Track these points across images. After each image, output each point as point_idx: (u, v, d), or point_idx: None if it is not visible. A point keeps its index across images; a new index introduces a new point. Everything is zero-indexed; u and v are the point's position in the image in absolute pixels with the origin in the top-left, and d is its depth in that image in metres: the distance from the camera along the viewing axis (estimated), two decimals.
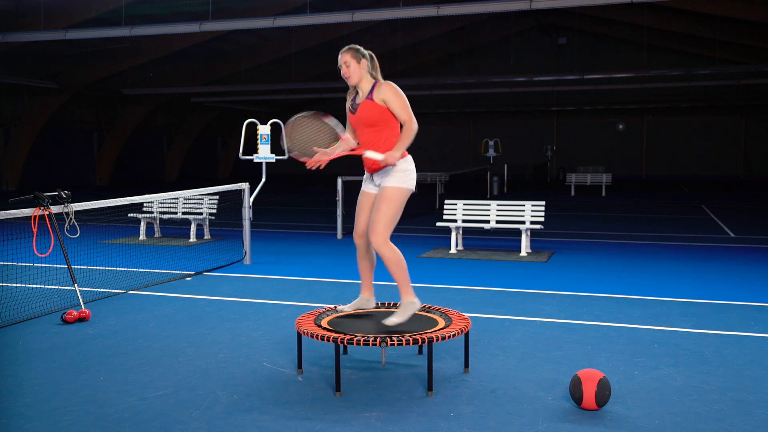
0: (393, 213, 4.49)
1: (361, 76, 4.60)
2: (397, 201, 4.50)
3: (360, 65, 4.58)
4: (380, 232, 4.46)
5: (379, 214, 4.49)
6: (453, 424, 3.79)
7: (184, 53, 25.00)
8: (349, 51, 4.61)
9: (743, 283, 8.03)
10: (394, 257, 4.49)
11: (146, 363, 4.88)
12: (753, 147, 37.02)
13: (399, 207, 4.51)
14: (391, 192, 4.50)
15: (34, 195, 6.20)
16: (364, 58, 4.61)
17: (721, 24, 25.07)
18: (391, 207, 4.48)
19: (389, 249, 4.48)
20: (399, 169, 4.53)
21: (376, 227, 4.47)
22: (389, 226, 4.49)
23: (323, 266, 9.23)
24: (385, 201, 4.50)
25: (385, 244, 4.47)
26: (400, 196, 4.51)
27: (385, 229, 4.47)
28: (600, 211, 17.94)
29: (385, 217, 4.47)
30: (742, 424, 3.78)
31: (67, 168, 31.33)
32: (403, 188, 4.52)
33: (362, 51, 4.65)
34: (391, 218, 4.49)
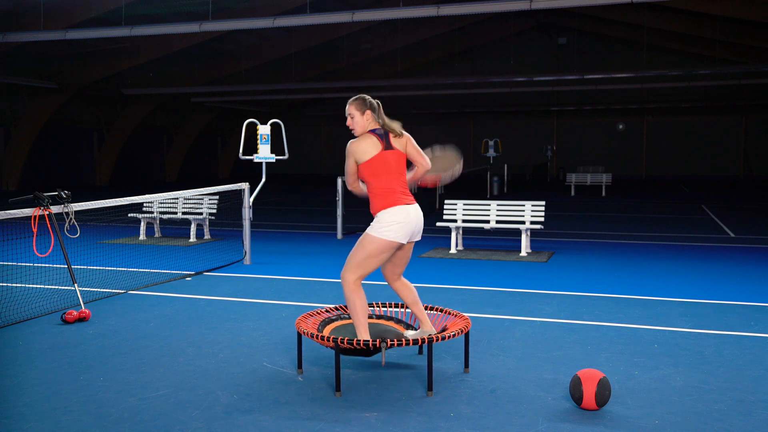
0: (362, 258, 4.44)
1: (365, 127, 4.60)
2: (369, 248, 4.44)
3: (364, 117, 4.58)
4: (347, 270, 4.48)
5: (351, 254, 4.53)
6: (453, 424, 3.79)
7: (184, 53, 25.00)
8: (354, 103, 4.61)
9: (743, 283, 8.03)
10: (352, 300, 4.46)
11: (146, 363, 4.88)
12: (753, 147, 37.01)
13: (371, 254, 4.44)
14: (365, 238, 4.49)
15: (34, 195, 6.20)
16: (369, 110, 4.59)
17: (721, 24, 25.07)
18: (362, 252, 4.45)
19: (351, 291, 4.46)
20: (378, 219, 4.49)
21: (345, 266, 4.51)
22: (357, 268, 4.45)
23: (323, 266, 9.23)
24: (358, 244, 4.51)
25: (346, 282, 4.46)
26: (372, 244, 4.44)
27: (352, 270, 4.46)
28: (600, 211, 17.94)
29: (353, 259, 4.48)
30: (742, 424, 3.78)
31: (67, 168, 31.32)
32: (378, 238, 4.43)
33: (369, 102, 4.62)
34: (360, 262, 4.45)
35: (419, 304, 4.72)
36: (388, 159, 4.52)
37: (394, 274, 4.68)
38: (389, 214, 4.46)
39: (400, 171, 4.57)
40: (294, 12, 20.16)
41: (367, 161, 4.49)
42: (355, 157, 4.52)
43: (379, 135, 4.54)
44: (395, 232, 4.44)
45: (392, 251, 4.50)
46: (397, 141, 4.58)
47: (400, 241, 4.48)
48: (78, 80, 26.32)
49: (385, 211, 4.47)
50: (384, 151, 4.51)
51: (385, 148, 4.52)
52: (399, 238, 4.46)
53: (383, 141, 4.53)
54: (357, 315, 4.47)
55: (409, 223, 4.49)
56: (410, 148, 4.64)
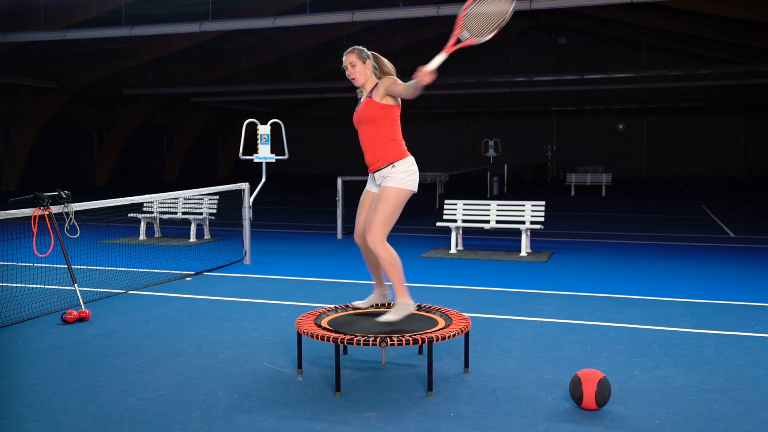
0: (390, 213, 4.48)
1: (367, 76, 4.64)
2: (395, 201, 4.49)
3: (365, 65, 4.62)
4: (376, 232, 4.47)
5: (376, 213, 4.49)
6: (453, 424, 3.79)
7: (184, 53, 25.01)
8: (354, 51, 4.64)
9: (743, 283, 8.03)
10: (390, 258, 4.49)
11: (146, 363, 4.88)
12: (753, 147, 37.01)
13: (397, 208, 4.51)
14: (389, 192, 4.50)
15: (34, 195, 6.20)
16: (369, 59, 4.65)
17: (721, 24, 25.07)
18: (388, 207, 4.48)
19: (385, 249, 4.48)
20: (398, 169, 4.53)
21: (373, 226, 4.48)
22: (386, 226, 4.49)
23: (323, 266, 9.23)
24: (382, 201, 4.50)
25: (381, 243, 4.47)
26: (398, 196, 4.50)
27: (382, 228, 4.47)
28: (600, 211, 17.94)
29: (381, 217, 4.47)
30: (742, 424, 3.78)
31: (67, 168, 31.33)
32: (402, 189, 4.52)
33: (366, 51, 4.68)
34: (388, 218, 4.48)
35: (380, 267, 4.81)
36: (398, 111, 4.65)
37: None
38: (408, 163, 4.58)
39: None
40: (294, 12, 20.17)
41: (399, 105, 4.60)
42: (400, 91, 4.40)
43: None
44: (415, 180, 4.60)
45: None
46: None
47: (415, 190, 4.63)
48: (78, 80, 26.32)
49: (403, 160, 4.56)
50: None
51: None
52: (415, 187, 4.63)
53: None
54: (400, 273, 4.52)
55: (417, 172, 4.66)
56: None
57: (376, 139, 4.58)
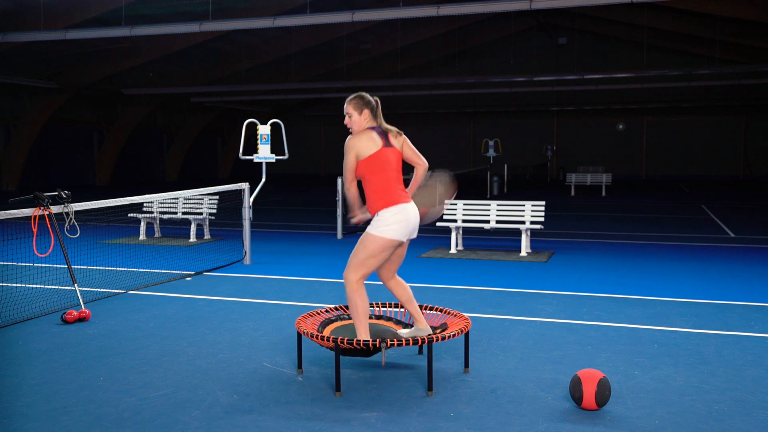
0: (364, 257, 4.44)
1: (363, 126, 4.59)
2: (371, 247, 4.44)
3: (362, 116, 4.57)
4: (349, 270, 4.48)
5: (352, 254, 4.52)
6: (453, 424, 3.79)
7: (184, 53, 24.99)
8: (351, 102, 4.60)
9: (743, 283, 8.03)
10: (353, 301, 4.47)
11: (146, 363, 4.88)
12: (753, 147, 37.00)
13: (372, 253, 4.44)
14: (365, 238, 4.49)
15: (34, 195, 6.20)
16: (366, 108, 4.58)
17: (721, 24, 25.06)
18: (363, 251, 4.45)
19: (353, 290, 4.46)
20: (380, 217, 4.47)
21: (348, 265, 4.50)
22: (359, 269, 4.45)
23: (323, 266, 9.23)
24: (359, 244, 4.51)
25: (350, 283, 4.46)
26: (374, 243, 4.44)
27: (354, 270, 4.46)
28: (600, 211, 17.94)
29: (355, 260, 4.47)
30: (742, 424, 3.78)
31: (67, 168, 31.31)
32: (379, 237, 4.43)
33: (366, 100, 4.61)
34: (362, 262, 4.45)
35: (414, 302, 4.71)
36: (388, 156, 4.52)
37: (389, 272, 4.67)
38: (390, 212, 4.45)
39: (398, 169, 4.58)
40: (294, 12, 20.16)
41: (368, 157, 4.48)
42: (357, 151, 4.49)
43: (378, 132, 4.54)
44: (395, 231, 4.44)
45: (392, 250, 4.50)
46: (395, 139, 4.59)
47: (400, 240, 4.49)
48: (78, 80, 26.32)
49: (386, 209, 4.46)
50: (384, 148, 4.51)
51: (385, 146, 4.51)
52: (399, 237, 4.47)
53: (383, 138, 4.52)
54: (358, 315, 4.46)
55: (409, 221, 4.50)
56: (406, 149, 4.64)
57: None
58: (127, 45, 23.32)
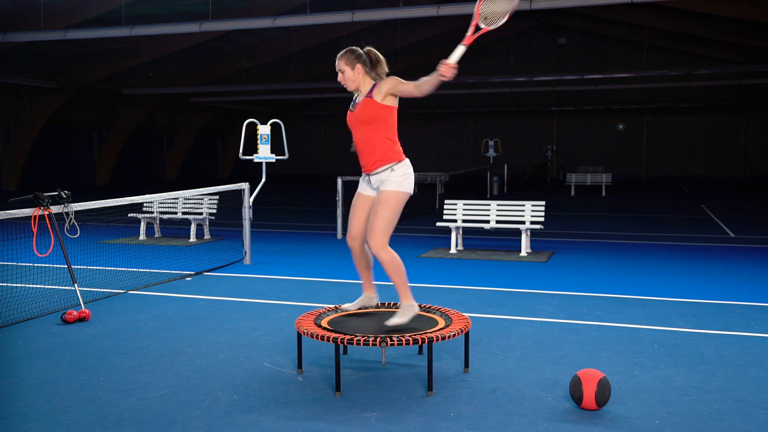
0: (391, 217, 4.47)
1: (358, 81, 4.54)
2: (395, 205, 4.48)
3: (355, 71, 4.52)
4: (379, 237, 4.45)
5: (378, 218, 4.46)
6: (453, 424, 3.79)
7: (184, 53, 24.99)
8: (343, 57, 4.54)
9: (743, 283, 8.03)
10: (393, 262, 4.48)
11: (146, 363, 4.88)
12: (753, 147, 37.01)
13: (397, 211, 4.50)
14: (389, 196, 4.47)
15: (34, 195, 6.20)
16: (359, 62, 4.52)
17: (721, 24, 25.07)
18: (389, 211, 4.46)
19: (387, 253, 4.47)
20: (397, 173, 4.49)
21: (375, 231, 4.46)
22: (388, 230, 4.47)
23: (323, 266, 9.23)
24: (383, 205, 4.47)
25: (383, 248, 4.45)
26: (398, 200, 4.48)
27: (384, 233, 4.46)
28: (600, 211, 17.94)
29: (383, 222, 4.45)
30: (742, 424, 3.78)
31: (67, 168, 31.31)
32: (401, 192, 4.49)
33: (357, 53, 4.54)
34: (390, 222, 4.47)
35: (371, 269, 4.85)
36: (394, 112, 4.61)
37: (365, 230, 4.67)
38: (405, 166, 4.56)
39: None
40: (294, 12, 20.16)
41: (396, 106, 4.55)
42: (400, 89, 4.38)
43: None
44: (411, 183, 4.59)
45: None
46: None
47: (412, 192, 4.61)
48: (78, 80, 26.32)
49: (399, 163, 4.53)
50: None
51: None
52: (412, 189, 4.61)
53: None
54: (404, 278, 4.53)
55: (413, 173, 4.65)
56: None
57: (374, 141, 4.52)
58: (127, 45, 23.32)
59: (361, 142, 4.58)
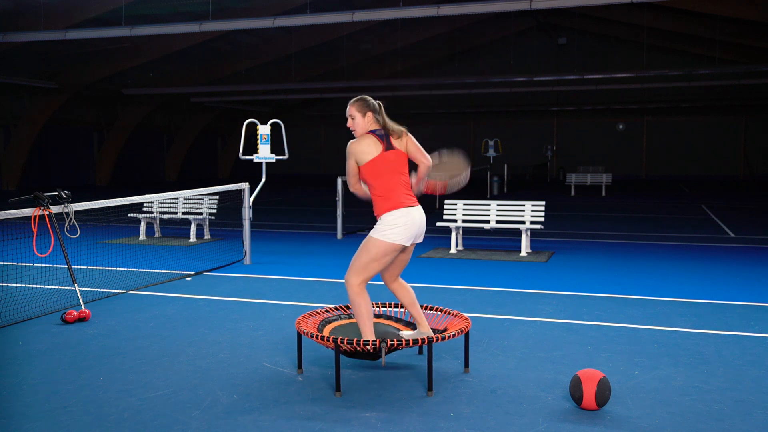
0: (366, 261, 4.41)
1: (366, 129, 4.55)
2: (374, 252, 4.40)
3: (365, 119, 4.54)
4: (351, 274, 4.44)
5: (355, 257, 4.48)
6: (453, 424, 3.79)
7: (184, 53, 24.99)
8: (355, 104, 4.57)
9: (743, 283, 8.03)
10: (355, 304, 4.44)
11: (146, 363, 4.88)
12: (753, 147, 37.01)
13: (375, 257, 4.40)
14: (369, 242, 4.44)
15: (34, 195, 6.20)
16: (369, 110, 4.55)
17: (721, 24, 25.07)
18: (366, 255, 4.41)
19: (354, 293, 4.43)
20: (383, 221, 4.45)
21: (350, 268, 4.47)
22: (361, 272, 4.42)
23: (323, 266, 9.23)
24: (361, 248, 4.47)
25: (353, 286, 4.43)
26: (377, 247, 4.40)
27: (357, 273, 4.42)
28: (600, 211, 17.94)
29: (358, 263, 4.43)
30: (742, 424, 3.79)
31: (67, 168, 31.31)
32: (382, 241, 4.40)
33: (369, 103, 4.57)
34: (364, 265, 4.41)
35: (417, 305, 4.70)
36: (390, 159, 4.47)
37: (392, 276, 4.65)
38: (393, 216, 4.42)
39: (402, 172, 4.52)
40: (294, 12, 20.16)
41: (368, 162, 4.45)
42: (356, 157, 4.49)
43: (379, 135, 4.50)
44: (399, 234, 4.40)
45: (396, 254, 4.48)
46: (397, 141, 4.53)
47: (404, 244, 4.45)
48: (78, 80, 26.31)
49: (389, 213, 4.43)
50: (385, 151, 4.46)
51: (386, 149, 4.47)
52: (403, 241, 4.43)
53: (384, 141, 4.48)
54: (363, 318, 4.44)
55: (413, 225, 4.45)
56: (411, 147, 4.58)
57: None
58: (127, 45, 23.32)
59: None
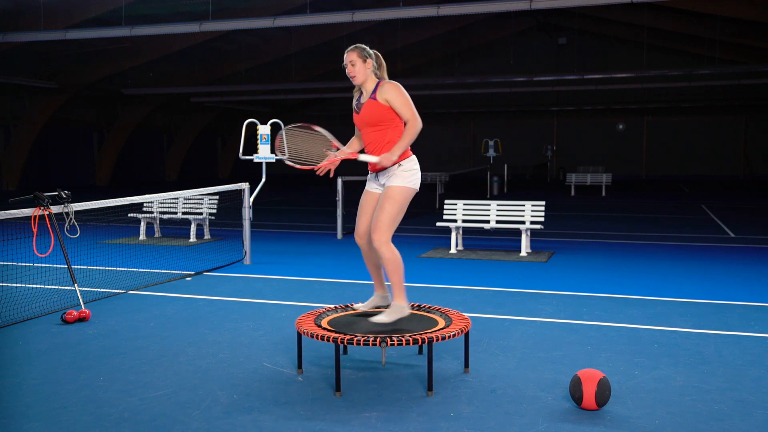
0: (396, 212, 4.47)
1: (366, 75, 4.60)
2: (401, 201, 4.48)
3: (366, 65, 4.58)
4: (382, 231, 4.45)
5: (383, 213, 4.46)
6: (453, 424, 3.79)
7: (184, 53, 25.00)
8: (356, 50, 4.60)
9: (743, 283, 8.03)
10: (394, 258, 4.48)
11: (146, 363, 4.88)
12: (753, 147, 37.03)
13: (402, 207, 4.50)
14: (395, 191, 4.48)
15: (34, 195, 6.20)
16: (370, 58, 4.61)
17: (721, 24, 25.08)
18: (395, 206, 4.46)
19: (389, 250, 4.46)
20: (404, 168, 4.51)
21: (379, 226, 4.46)
22: (392, 225, 4.47)
23: (323, 266, 9.23)
24: (389, 200, 4.48)
25: (386, 243, 4.45)
26: (403, 195, 4.49)
27: (388, 228, 4.46)
28: (600, 211, 17.94)
29: (388, 217, 4.45)
30: (742, 424, 3.78)
31: (67, 168, 31.32)
32: (407, 188, 4.50)
33: (368, 50, 4.65)
34: (394, 218, 4.47)
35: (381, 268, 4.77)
36: None
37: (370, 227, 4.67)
38: (412, 162, 4.58)
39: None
40: (294, 12, 20.17)
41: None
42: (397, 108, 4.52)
43: None
44: (418, 179, 4.60)
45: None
46: None
47: (418, 189, 4.62)
48: (78, 80, 26.32)
49: (408, 159, 4.55)
50: None
51: None
52: (419, 186, 4.62)
53: None
54: (401, 276, 4.51)
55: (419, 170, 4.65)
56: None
57: (382, 141, 4.57)
58: (127, 45, 23.33)
59: (369, 141, 4.62)
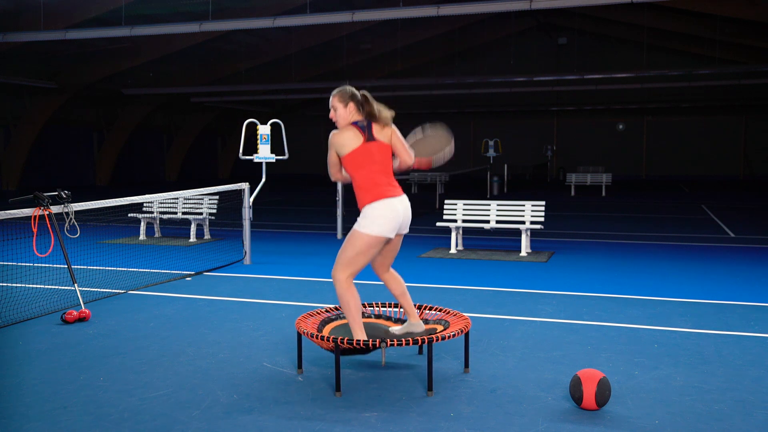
0: (352, 255, 4.38)
1: (348, 120, 4.51)
2: (358, 245, 4.38)
3: (347, 109, 4.51)
4: (337, 268, 4.42)
5: (342, 251, 4.45)
6: (453, 424, 3.79)
7: (184, 53, 24.99)
8: (336, 95, 4.54)
9: (743, 283, 8.03)
10: (343, 299, 4.41)
11: (146, 363, 4.88)
12: (753, 147, 37.01)
13: (360, 251, 4.37)
14: (353, 235, 4.43)
15: (34, 195, 6.20)
16: (352, 101, 4.51)
17: (721, 24, 25.07)
18: (351, 249, 4.39)
19: (342, 287, 4.40)
20: (365, 214, 4.42)
21: (337, 261, 4.45)
22: (347, 266, 4.39)
23: (323, 266, 9.23)
24: (346, 241, 4.46)
25: (339, 281, 4.39)
26: (360, 240, 4.38)
27: (343, 268, 4.40)
28: (600, 211, 17.94)
29: (343, 257, 4.41)
30: (742, 424, 3.78)
31: (67, 168, 31.31)
32: (365, 234, 4.37)
33: (350, 93, 4.53)
34: (350, 260, 4.39)
35: (407, 296, 4.69)
36: (371, 151, 4.44)
37: (383, 266, 4.64)
38: (375, 208, 4.38)
39: (384, 163, 4.48)
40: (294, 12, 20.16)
41: (348, 154, 4.44)
42: (336, 149, 4.50)
43: (360, 127, 4.46)
44: (381, 226, 4.37)
45: (381, 246, 4.45)
46: (381, 132, 4.49)
47: (388, 236, 4.42)
48: (78, 80, 26.31)
49: (370, 205, 4.40)
50: (366, 143, 4.43)
51: (366, 140, 4.43)
52: (386, 233, 4.40)
53: (365, 133, 4.44)
54: (351, 313, 4.42)
55: (396, 217, 4.42)
56: (395, 140, 4.53)
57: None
58: (127, 45, 23.32)
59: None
